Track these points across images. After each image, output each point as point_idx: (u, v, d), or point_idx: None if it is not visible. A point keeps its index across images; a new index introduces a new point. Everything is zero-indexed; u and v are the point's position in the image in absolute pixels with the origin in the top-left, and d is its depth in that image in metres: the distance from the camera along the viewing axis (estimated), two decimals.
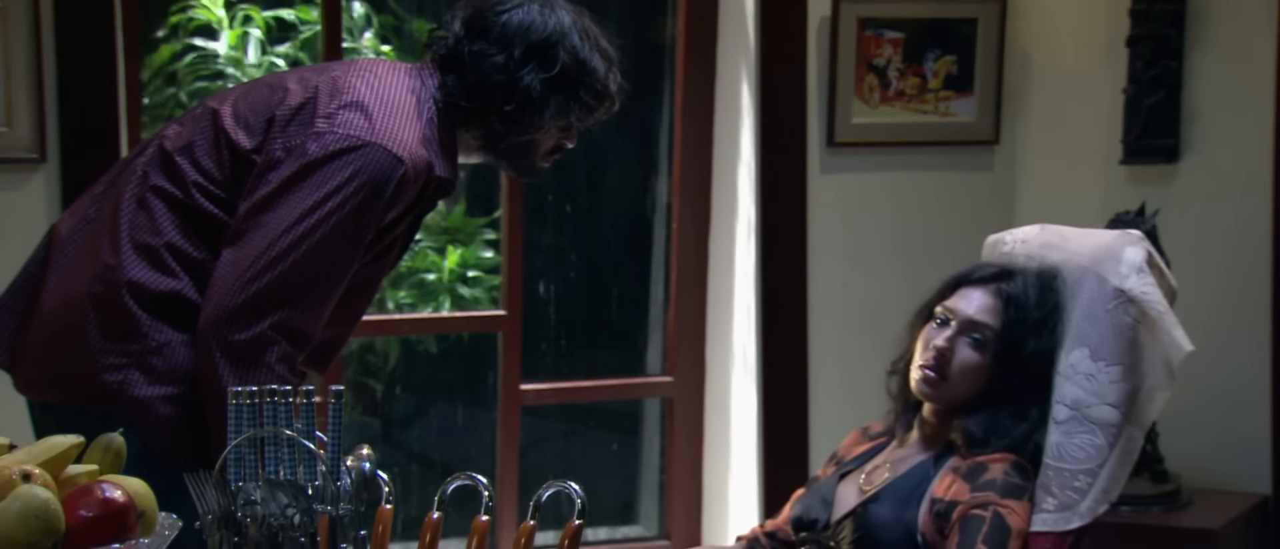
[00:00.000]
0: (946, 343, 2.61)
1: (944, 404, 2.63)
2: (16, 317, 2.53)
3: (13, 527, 1.78)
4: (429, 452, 4.70)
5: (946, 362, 2.61)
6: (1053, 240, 2.72)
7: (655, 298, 4.42)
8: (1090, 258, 2.63)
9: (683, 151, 4.08)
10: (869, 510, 2.59)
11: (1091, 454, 2.55)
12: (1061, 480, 2.55)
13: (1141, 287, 2.57)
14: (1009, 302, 2.63)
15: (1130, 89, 3.94)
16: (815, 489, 2.73)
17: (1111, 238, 2.66)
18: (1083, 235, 2.72)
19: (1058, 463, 2.56)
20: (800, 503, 2.73)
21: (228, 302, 2.34)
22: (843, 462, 2.77)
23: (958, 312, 2.64)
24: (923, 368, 2.63)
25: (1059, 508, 2.54)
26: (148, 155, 2.51)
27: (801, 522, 2.69)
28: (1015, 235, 2.79)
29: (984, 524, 2.47)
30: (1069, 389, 2.58)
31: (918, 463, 2.63)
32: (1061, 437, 2.57)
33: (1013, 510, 2.49)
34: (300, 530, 1.92)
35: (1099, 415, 2.56)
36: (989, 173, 4.18)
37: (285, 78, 2.56)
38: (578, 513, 1.93)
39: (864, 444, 2.79)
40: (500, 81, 2.52)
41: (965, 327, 2.62)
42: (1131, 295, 2.57)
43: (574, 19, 2.58)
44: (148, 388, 2.38)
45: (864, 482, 2.66)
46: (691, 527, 4.18)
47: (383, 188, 2.39)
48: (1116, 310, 2.57)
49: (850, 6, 3.96)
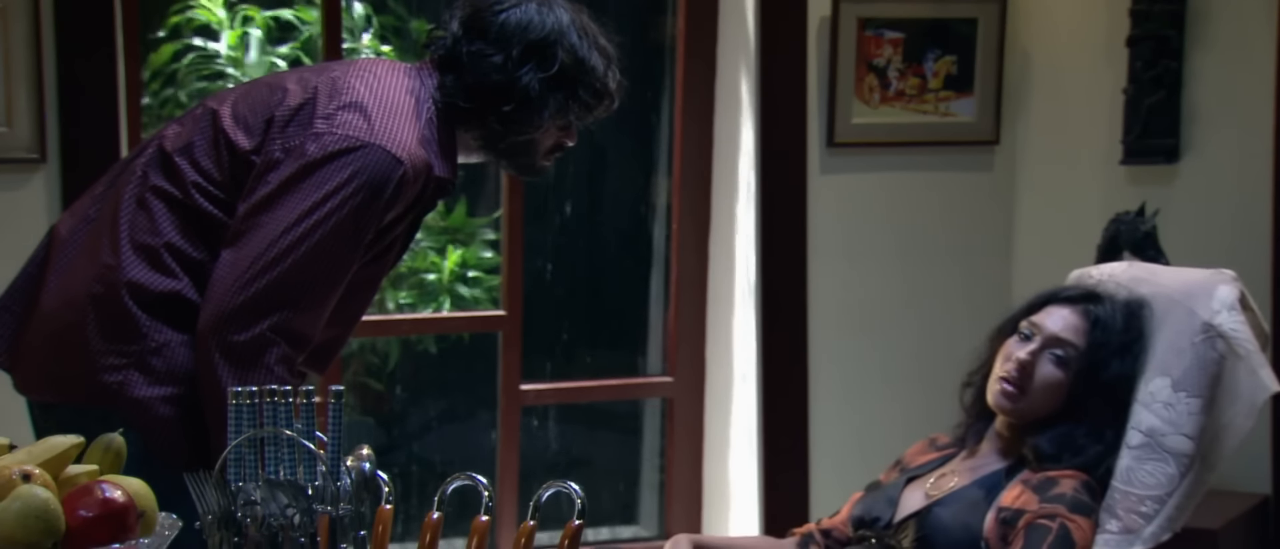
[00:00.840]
0: (1029, 356, 2.61)
1: (1020, 418, 2.63)
2: (16, 317, 2.53)
3: (13, 527, 1.78)
4: (429, 452, 4.70)
5: (1028, 375, 2.61)
6: (1142, 275, 2.74)
7: (655, 298, 4.42)
8: (1182, 291, 2.65)
9: (683, 151, 4.08)
10: (933, 512, 2.59)
11: (1161, 482, 2.55)
12: (1127, 504, 2.55)
13: (1232, 323, 2.58)
14: (1096, 323, 2.63)
15: (1130, 89, 3.94)
16: (880, 490, 2.73)
17: (1206, 274, 2.67)
18: (1174, 272, 2.76)
19: (1126, 487, 2.56)
20: (862, 502, 2.73)
21: (227, 303, 2.34)
22: (908, 468, 2.77)
23: (1043, 327, 2.64)
24: (1003, 380, 2.63)
25: (1122, 531, 2.54)
26: (147, 156, 2.51)
27: (863, 520, 2.69)
28: (1102, 270, 2.80)
29: (1050, 534, 2.46)
30: (1146, 416, 2.58)
31: (990, 472, 2.63)
32: (1133, 461, 2.57)
33: (1079, 525, 2.49)
34: (300, 531, 1.92)
35: (1173, 445, 2.56)
36: (989, 173, 4.18)
37: (284, 78, 2.55)
38: (578, 513, 1.93)
39: (931, 454, 2.79)
40: (499, 81, 2.52)
41: (1049, 342, 2.62)
42: (1221, 331, 2.58)
43: (572, 17, 2.57)
44: (147, 388, 2.38)
45: (932, 487, 2.66)
46: (691, 527, 4.18)
47: (382, 188, 2.39)
48: (1203, 344, 2.58)
49: (850, 6, 3.96)
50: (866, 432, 4.06)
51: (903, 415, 3.97)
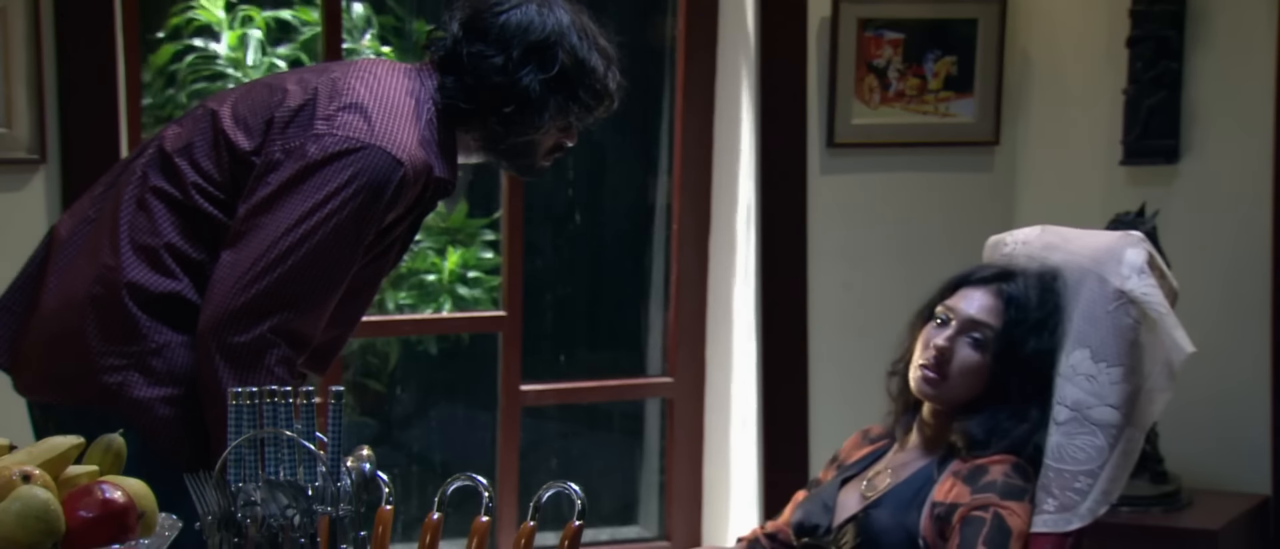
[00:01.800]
0: (946, 342, 2.61)
1: (943, 404, 2.63)
2: (16, 318, 2.53)
3: (13, 527, 1.78)
4: (429, 452, 4.70)
5: (946, 361, 2.61)
6: (1054, 241, 2.72)
7: (655, 298, 4.42)
8: (1091, 259, 2.63)
9: (683, 152, 4.08)
10: (871, 516, 2.59)
11: (1092, 455, 2.55)
12: (1062, 481, 2.55)
13: (1143, 288, 2.57)
14: (1010, 302, 2.62)
15: (1130, 89, 3.94)
16: (816, 495, 2.73)
17: (1113, 239, 2.65)
18: (1084, 236, 2.72)
19: (1058, 464, 2.56)
20: (801, 508, 2.73)
21: (227, 304, 2.34)
22: (844, 466, 2.77)
23: (958, 311, 2.64)
24: (922, 367, 2.63)
25: (1059, 509, 2.54)
26: (147, 156, 2.51)
27: (803, 527, 2.69)
28: (1016, 236, 2.79)
29: (984, 526, 2.46)
30: (1069, 390, 2.58)
31: (920, 468, 2.63)
32: (1062, 438, 2.57)
33: (1013, 511, 2.49)
34: (300, 531, 1.92)
35: (1100, 416, 2.56)
36: (989, 173, 4.18)
37: (284, 79, 2.55)
38: (578, 514, 1.94)
39: (865, 448, 2.79)
40: (499, 83, 2.52)
41: (965, 326, 2.62)
42: (1133, 296, 2.57)
43: (572, 18, 2.57)
44: (147, 389, 2.38)
45: (866, 487, 2.66)
46: (691, 527, 4.18)
47: (382, 190, 2.39)
48: (1118, 311, 2.57)
49: (850, 7, 3.96)
50: None
51: None
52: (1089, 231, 2.76)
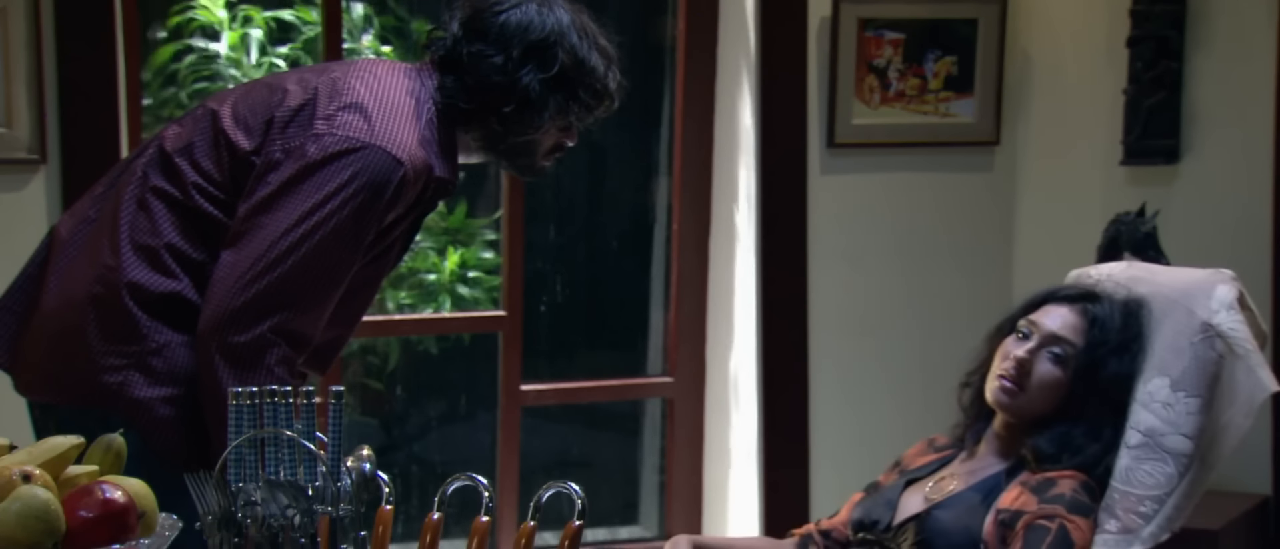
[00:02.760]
0: (1027, 354, 2.61)
1: (1018, 416, 2.63)
2: (17, 317, 2.53)
3: (13, 527, 1.78)
4: (429, 452, 4.71)
5: (1026, 373, 2.61)
6: (1140, 275, 2.74)
7: (655, 298, 4.42)
8: (1181, 291, 2.64)
9: (683, 152, 4.08)
10: (933, 516, 2.59)
11: (1160, 482, 2.55)
12: (1126, 504, 2.55)
13: (1231, 323, 2.58)
14: (1094, 322, 2.63)
15: (1130, 90, 3.94)
16: (879, 493, 2.73)
17: (1204, 274, 2.66)
18: (1173, 271, 2.75)
19: (1125, 487, 2.56)
20: (862, 505, 2.72)
21: (227, 304, 2.34)
22: (907, 470, 2.77)
23: (1041, 326, 2.63)
24: (1001, 378, 2.62)
25: (1121, 531, 2.54)
26: (147, 156, 2.51)
27: (863, 522, 2.68)
28: (1101, 270, 2.80)
29: (1049, 534, 2.46)
30: (1144, 416, 2.58)
31: (989, 474, 2.63)
32: (1131, 461, 2.57)
33: (1078, 526, 2.48)
34: (300, 531, 1.92)
35: (1172, 445, 2.56)
36: (989, 173, 4.18)
37: (285, 79, 2.55)
38: (578, 514, 1.94)
39: (930, 455, 2.78)
40: (499, 82, 2.52)
41: (1047, 341, 2.62)
42: (1220, 331, 2.57)
43: (572, 18, 2.57)
44: (148, 389, 2.38)
45: (931, 490, 2.66)
46: (691, 527, 4.18)
47: (382, 189, 2.39)
48: (1202, 344, 2.58)
49: (850, 7, 3.96)
50: (866, 432, 4.06)
51: (902, 416, 3.97)
52: (1179, 268, 2.78)
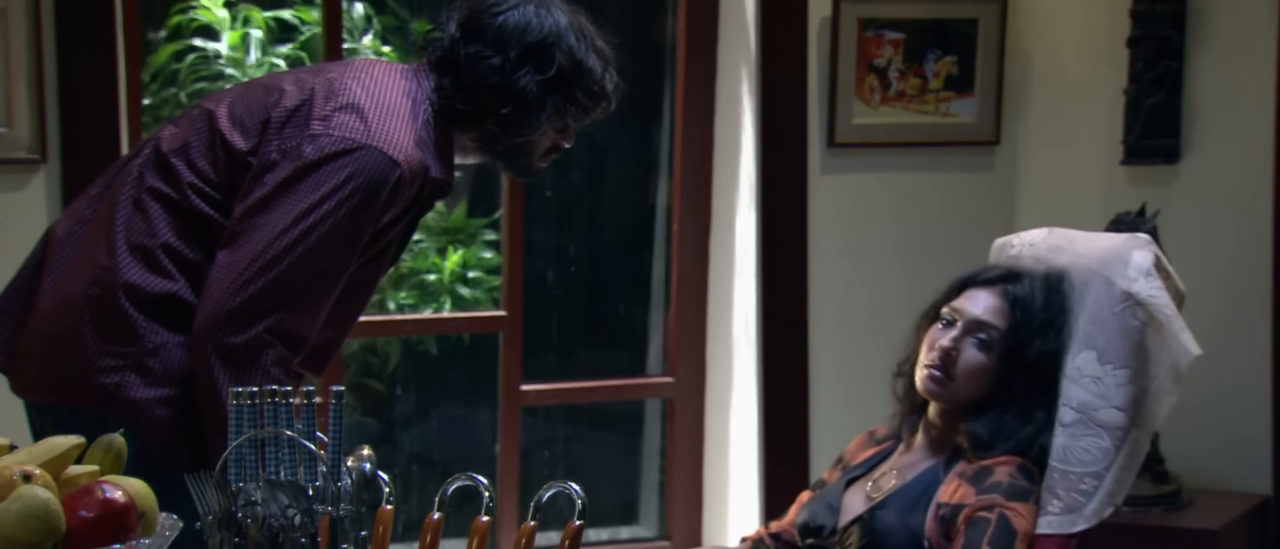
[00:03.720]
0: (952, 343, 2.61)
1: (949, 404, 2.63)
2: (13, 318, 2.53)
3: (13, 527, 1.78)
4: (429, 452, 4.71)
5: (952, 361, 2.61)
6: (1060, 243, 2.72)
7: (655, 298, 4.42)
8: (1098, 261, 2.63)
9: (683, 152, 4.08)
10: (876, 517, 2.59)
11: (1097, 457, 2.55)
12: (1067, 483, 2.55)
13: (1149, 290, 2.57)
14: (1015, 303, 2.62)
15: (1131, 89, 3.94)
16: (821, 496, 2.73)
17: (1119, 241, 2.65)
18: (1090, 238, 2.72)
19: (1064, 465, 2.56)
20: (806, 508, 2.73)
21: (223, 305, 2.34)
22: (849, 467, 2.77)
23: (963, 312, 2.64)
24: (928, 368, 2.63)
25: (1064, 511, 2.54)
26: (143, 157, 2.51)
27: (808, 527, 2.69)
28: (1022, 238, 2.79)
29: (989, 526, 2.46)
30: (1075, 392, 2.58)
31: (925, 469, 2.63)
32: (1067, 439, 2.57)
33: (1018, 512, 2.49)
34: (301, 531, 1.92)
35: (1105, 418, 2.56)
36: (989, 173, 4.18)
37: (281, 79, 2.55)
38: (578, 514, 1.94)
39: (870, 449, 2.79)
40: (496, 84, 2.52)
41: (971, 327, 2.62)
42: (1139, 298, 2.57)
43: (570, 19, 2.57)
44: (144, 390, 2.38)
45: (871, 489, 2.66)
46: (692, 527, 4.18)
47: (378, 190, 2.39)
48: (1124, 313, 2.57)
49: (851, 7, 3.96)
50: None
51: None
52: (1096, 234, 2.76)
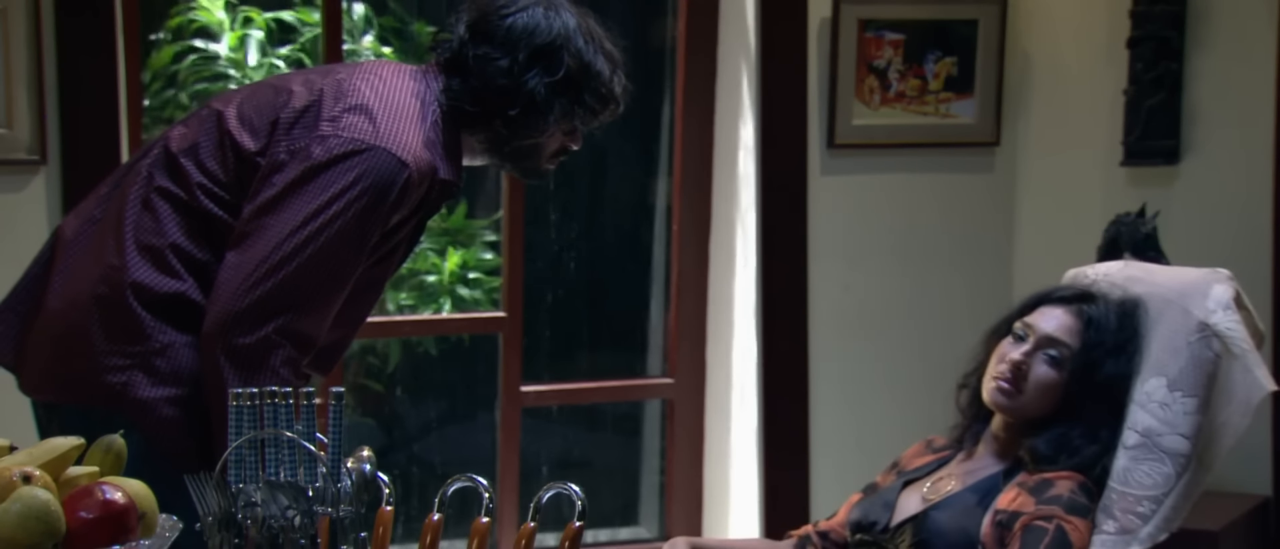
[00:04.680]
0: (1023, 357, 2.61)
1: (1016, 417, 2.63)
2: (21, 317, 2.53)
3: (13, 528, 1.78)
4: (429, 453, 4.71)
5: (1022, 375, 2.61)
6: (1137, 274, 2.73)
7: (655, 299, 4.42)
8: (1177, 291, 2.64)
9: (683, 153, 4.08)
10: (930, 517, 2.59)
11: (1158, 482, 2.55)
12: (1124, 505, 2.55)
13: (1228, 322, 2.58)
14: (1089, 323, 2.63)
15: (1131, 90, 3.94)
16: (877, 494, 2.73)
17: (1201, 274, 2.66)
18: (1170, 271, 2.74)
19: (1123, 487, 2.56)
20: (859, 507, 2.73)
21: (232, 305, 2.34)
22: (905, 470, 2.77)
23: (1036, 328, 2.64)
24: (997, 380, 2.62)
25: (1119, 531, 2.54)
26: (152, 157, 2.51)
27: (861, 523, 2.69)
28: (1098, 269, 2.80)
29: (1046, 536, 2.46)
30: (1142, 417, 2.58)
31: (986, 476, 2.63)
32: (1129, 462, 2.57)
33: (1076, 527, 2.48)
34: (301, 532, 1.92)
35: (1169, 445, 2.56)
36: (989, 174, 4.18)
37: (290, 79, 2.55)
38: (578, 514, 1.94)
39: (928, 456, 2.79)
40: (504, 85, 2.52)
41: (1043, 343, 2.62)
42: (1216, 330, 2.57)
43: (578, 22, 2.57)
44: (151, 389, 2.38)
45: (929, 491, 2.66)
46: (692, 528, 4.18)
47: (387, 191, 2.39)
48: (1199, 343, 2.58)
49: (851, 8, 3.96)
50: (867, 433, 4.06)
51: (903, 417, 3.97)
52: (1176, 267, 2.77)
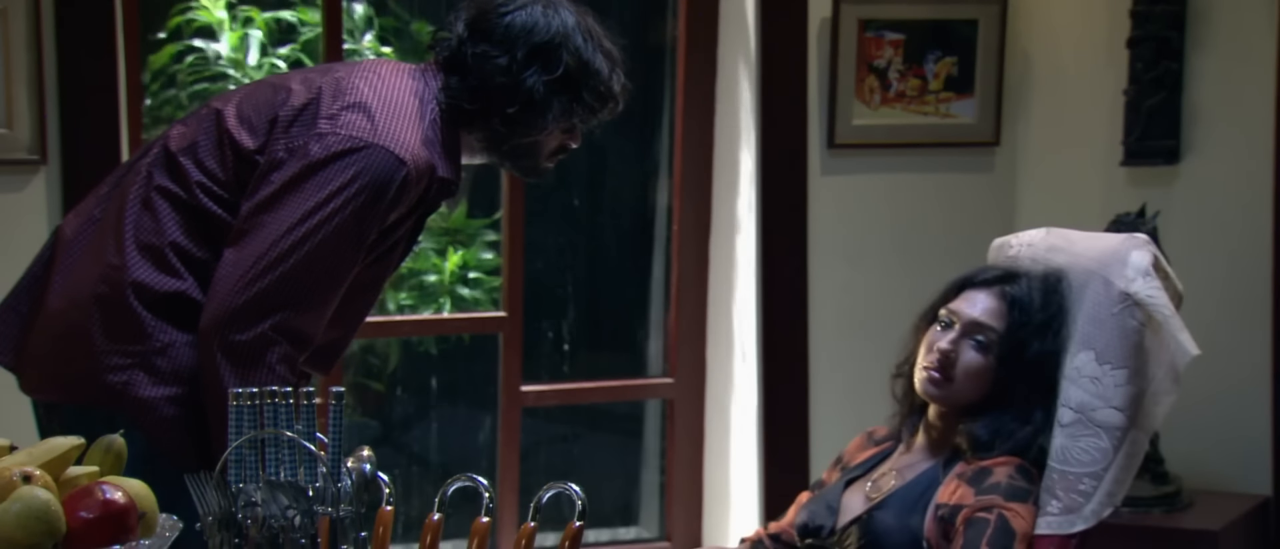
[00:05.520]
0: (950, 345, 2.61)
1: (948, 406, 2.63)
2: (22, 317, 2.53)
3: (13, 528, 1.78)
4: (429, 453, 4.71)
5: (950, 364, 2.61)
6: (1058, 243, 2.72)
7: (655, 299, 4.42)
8: (1096, 261, 2.63)
9: (683, 152, 4.08)
10: (875, 517, 2.59)
11: (1096, 458, 2.55)
12: (1066, 484, 2.55)
13: (1148, 290, 2.57)
14: (1013, 304, 2.62)
15: (1131, 90, 3.94)
16: (821, 496, 2.73)
17: (1118, 241, 2.65)
18: (1089, 238, 2.72)
19: (1062, 466, 2.56)
20: (805, 509, 2.73)
21: (229, 302, 2.34)
22: (848, 467, 2.77)
23: (961, 314, 2.64)
24: (927, 369, 2.63)
25: (1063, 511, 2.54)
26: (152, 156, 2.51)
27: (807, 528, 2.69)
28: (1021, 238, 2.79)
29: (988, 527, 2.46)
30: (1074, 392, 2.58)
31: (924, 469, 2.63)
32: (1066, 440, 2.57)
33: (1017, 513, 2.49)
34: (301, 532, 1.92)
35: (1104, 419, 2.56)
36: (989, 174, 4.18)
37: (289, 78, 2.56)
38: (578, 514, 1.94)
39: (869, 449, 2.79)
40: (503, 84, 2.52)
41: (969, 329, 2.62)
42: (1137, 299, 2.56)
43: (577, 20, 2.57)
44: (152, 389, 2.38)
45: (871, 489, 2.66)
46: (692, 528, 4.18)
47: (385, 189, 2.39)
48: (1122, 314, 2.57)
49: (851, 8, 3.96)
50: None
51: None
52: (1094, 234, 2.76)
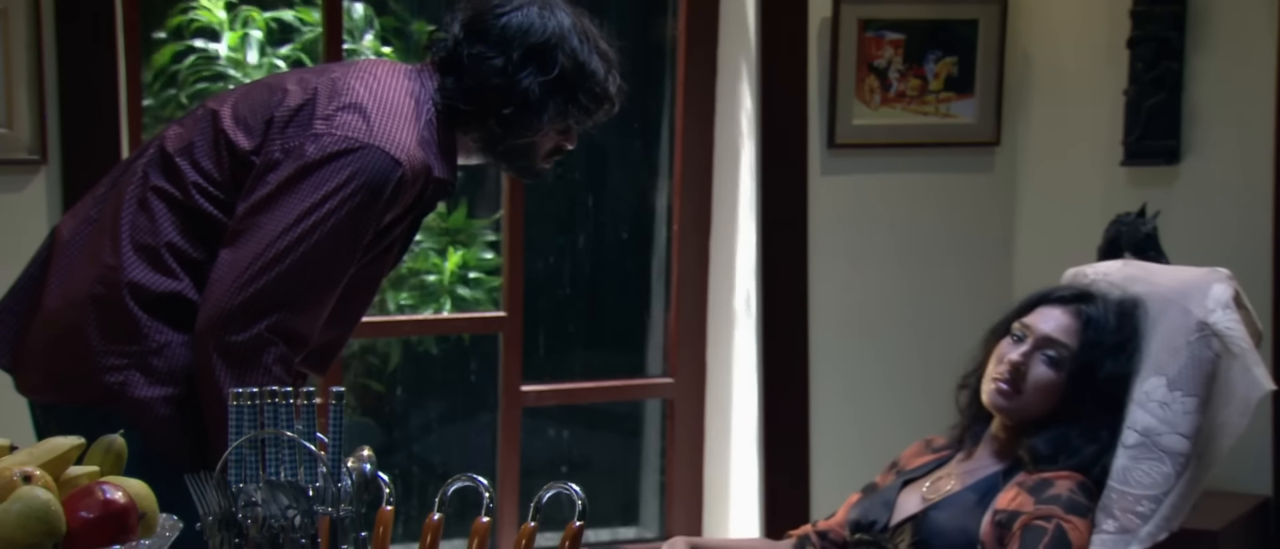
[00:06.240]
0: (1021, 358, 2.62)
1: (1015, 418, 2.63)
2: (18, 318, 2.54)
3: (13, 528, 1.78)
4: (429, 453, 4.70)
5: (1021, 376, 2.61)
6: (1136, 274, 2.74)
7: (655, 299, 4.42)
8: (1176, 290, 2.64)
9: (683, 152, 4.08)
10: (930, 516, 2.59)
11: (1157, 481, 2.55)
12: (1124, 504, 2.55)
13: (1227, 321, 2.58)
14: (1088, 323, 2.63)
15: (1131, 90, 3.94)
16: (877, 494, 2.74)
17: (1200, 273, 2.66)
18: (1169, 271, 2.75)
19: (1122, 486, 2.56)
20: (858, 506, 2.73)
21: (225, 303, 2.34)
22: (904, 470, 2.77)
23: (1034, 328, 2.64)
24: (996, 380, 2.63)
25: (1118, 531, 2.54)
26: (148, 156, 2.51)
27: (860, 523, 2.69)
28: (1097, 268, 2.80)
29: (1045, 535, 2.46)
30: (1141, 416, 2.58)
31: (986, 475, 2.63)
32: (1128, 461, 2.57)
33: (1075, 526, 2.48)
34: (301, 532, 1.92)
35: (1169, 444, 2.56)
36: (990, 174, 4.18)
37: (285, 79, 2.56)
38: (578, 514, 1.94)
39: (927, 456, 2.79)
40: (499, 84, 2.52)
41: (1041, 343, 2.62)
42: (1216, 329, 2.57)
43: (573, 21, 2.57)
44: (148, 389, 2.38)
45: (928, 490, 2.66)
46: (692, 528, 4.18)
47: (380, 190, 2.39)
48: (1198, 343, 2.58)
49: (851, 8, 3.96)
50: (867, 433, 4.06)
51: (903, 417, 3.97)
52: (1175, 267, 2.77)
